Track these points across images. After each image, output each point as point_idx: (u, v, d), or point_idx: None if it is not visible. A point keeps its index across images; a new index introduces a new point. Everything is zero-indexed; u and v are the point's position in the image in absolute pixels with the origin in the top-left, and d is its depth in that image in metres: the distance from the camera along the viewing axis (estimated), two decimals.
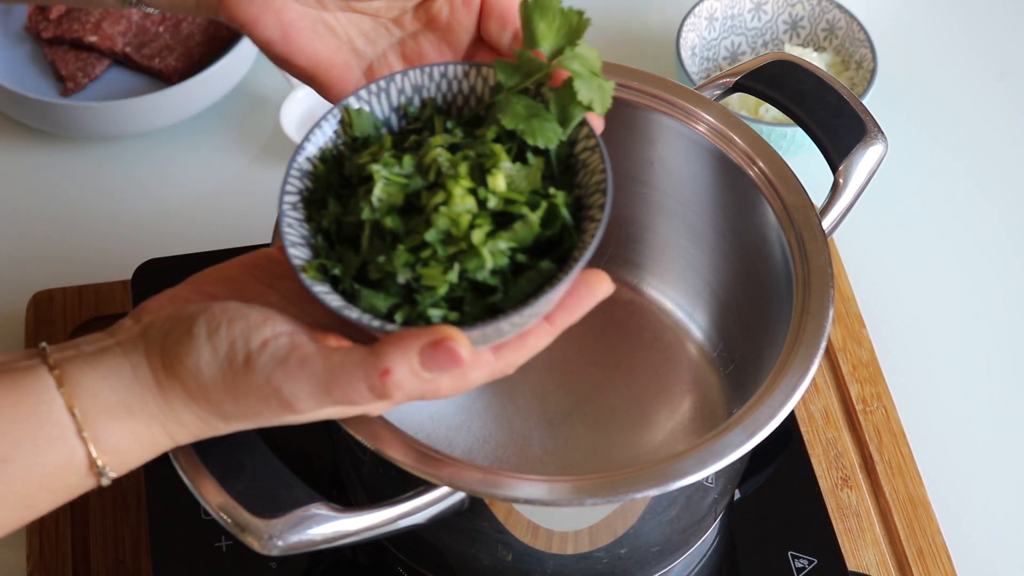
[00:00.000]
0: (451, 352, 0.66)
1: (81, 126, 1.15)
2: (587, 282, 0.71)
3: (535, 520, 0.84)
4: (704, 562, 0.96)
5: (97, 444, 0.67)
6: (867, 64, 1.17)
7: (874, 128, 0.91)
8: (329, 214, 0.72)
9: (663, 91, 0.92)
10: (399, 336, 0.67)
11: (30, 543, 0.96)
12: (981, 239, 1.15)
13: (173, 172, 1.17)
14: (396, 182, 0.70)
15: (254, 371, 0.67)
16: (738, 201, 0.92)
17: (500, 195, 0.70)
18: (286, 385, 0.67)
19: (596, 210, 0.70)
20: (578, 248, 0.70)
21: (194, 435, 0.70)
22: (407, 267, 0.69)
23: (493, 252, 0.69)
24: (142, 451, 0.69)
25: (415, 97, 0.75)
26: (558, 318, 0.71)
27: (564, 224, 0.71)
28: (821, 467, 1.01)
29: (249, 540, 0.74)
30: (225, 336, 0.67)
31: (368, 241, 0.70)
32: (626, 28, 1.27)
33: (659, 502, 0.84)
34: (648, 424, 0.97)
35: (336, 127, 0.74)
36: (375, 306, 0.69)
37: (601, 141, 0.72)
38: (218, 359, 0.67)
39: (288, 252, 0.70)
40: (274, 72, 1.22)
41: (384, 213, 0.70)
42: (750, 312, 0.95)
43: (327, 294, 0.69)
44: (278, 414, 0.68)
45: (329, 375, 0.66)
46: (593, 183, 0.72)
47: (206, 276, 0.74)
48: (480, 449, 0.95)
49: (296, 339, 0.68)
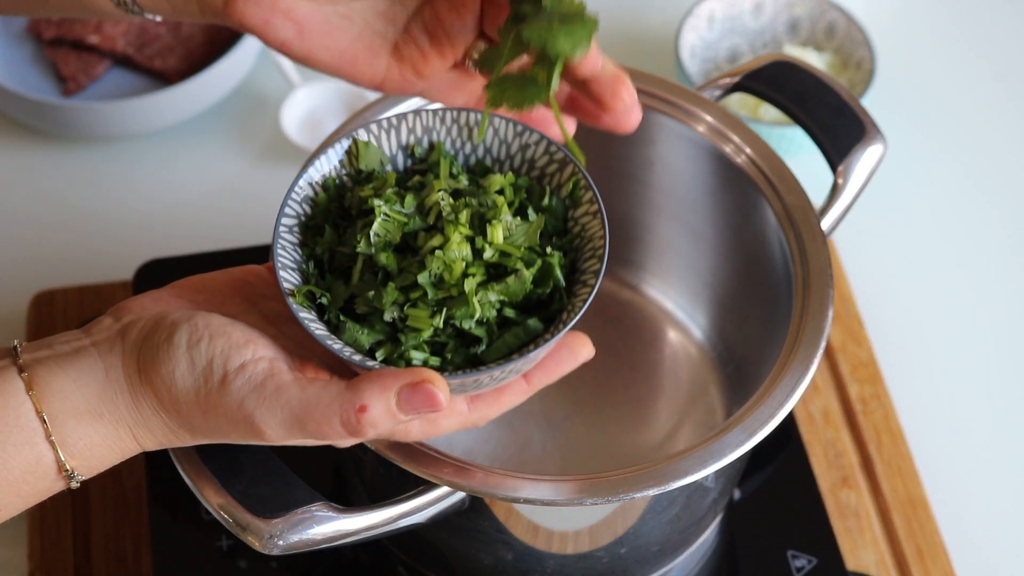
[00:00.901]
0: (430, 395, 0.66)
1: (82, 126, 1.15)
2: (569, 345, 0.71)
3: (535, 520, 0.84)
4: (704, 562, 0.96)
5: (65, 448, 0.67)
6: (866, 65, 1.17)
7: (873, 128, 0.91)
8: (324, 242, 0.71)
9: (663, 91, 0.92)
10: (379, 374, 0.66)
11: (31, 542, 0.97)
12: (980, 239, 1.16)
13: (174, 172, 1.17)
14: (396, 219, 0.70)
15: (228, 392, 0.66)
16: (738, 201, 0.92)
17: (497, 247, 0.69)
18: (258, 411, 0.66)
19: (590, 275, 0.70)
20: (567, 311, 0.69)
21: (160, 443, 0.69)
22: (395, 305, 0.69)
23: (483, 303, 0.69)
24: (110, 455, 0.69)
25: (424, 138, 0.75)
26: (536, 378, 0.71)
27: (556, 285, 0.71)
28: (820, 467, 1.01)
29: (250, 540, 0.74)
30: (205, 351, 0.67)
31: (359, 275, 0.70)
32: (626, 28, 1.27)
33: (659, 502, 0.84)
34: (648, 424, 0.98)
35: (342, 156, 0.74)
36: (358, 340, 0.69)
37: (603, 208, 0.72)
38: (194, 373, 0.67)
39: (279, 275, 0.69)
40: (274, 73, 1.22)
41: (380, 249, 0.70)
42: (750, 312, 0.95)
43: (312, 322, 0.68)
44: (245, 437, 0.68)
45: (303, 406, 0.66)
46: (590, 248, 0.71)
47: (191, 283, 0.73)
48: (480, 449, 0.95)
49: (275, 366, 0.67)
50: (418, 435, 0.71)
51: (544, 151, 0.74)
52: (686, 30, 1.18)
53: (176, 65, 1.19)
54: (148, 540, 0.96)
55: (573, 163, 0.73)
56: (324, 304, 0.70)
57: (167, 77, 1.19)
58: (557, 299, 0.71)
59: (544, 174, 0.74)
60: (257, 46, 1.19)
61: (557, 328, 0.69)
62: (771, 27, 1.23)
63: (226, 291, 0.73)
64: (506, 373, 0.69)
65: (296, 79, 1.18)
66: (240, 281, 0.74)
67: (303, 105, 1.18)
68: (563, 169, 0.73)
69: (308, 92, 1.18)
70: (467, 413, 0.71)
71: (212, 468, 0.75)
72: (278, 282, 0.69)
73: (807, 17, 1.22)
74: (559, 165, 0.74)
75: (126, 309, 0.71)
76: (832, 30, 1.20)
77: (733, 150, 0.91)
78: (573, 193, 0.73)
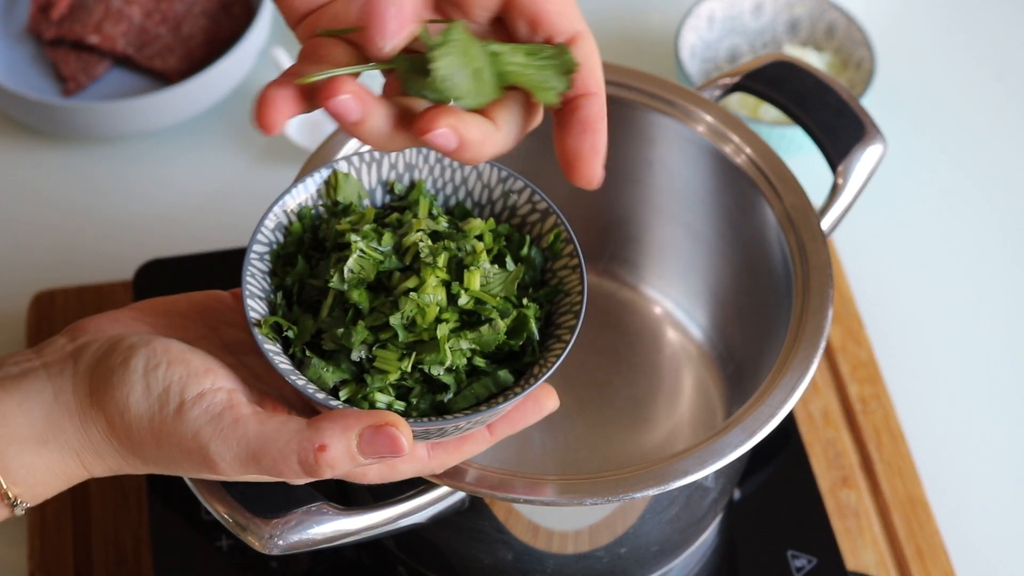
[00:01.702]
0: (393, 440, 0.64)
1: (82, 126, 1.15)
2: (536, 397, 0.70)
3: (535, 520, 0.84)
4: (704, 561, 0.96)
5: (7, 475, 0.65)
6: (866, 65, 1.17)
7: (873, 128, 0.91)
8: (295, 272, 0.70)
9: (663, 91, 0.92)
10: (341, 414, 0.65)
11: (31, 543, 0.97)
12: (980, 239, 1.16)
13: (174, 172, 1.17)
14: (372, 257, 0.69)
15: (184, 421, 0.64)
16: (738, 201, 0.92)
17: (473, 294, 0.68)
18: (213, 443, 0.64)
19: (565, 331, 0.69)
20: (539, 365, 0.68)
21: (111, 469, 0.67)
22: (364, 345, 0.67)
23: (454, 350, 0.67)
24: (56, 482, 0.67)
25: (406, 175, 0.73)
26: (499, 428, 0.70)
27: (530, 337, 0.69)
28: (820, 467, 1.01)
29: (250, 539, 0.74)
30: (163, 377, 0.65)
31: (329, 310, 0.68)
32: (626, 28, 1.27)
33: (659, 502, 0.84)
34: (648, 424, 0.98)
35: (320, 186, 0.72)
36: (322, 378, 0.67)
37: (583, 263, 0.71)
38: (149, 399, 0.65)
39: (246, 303, 0.68)
40: (274, 73, 1.22)
41: (353, 285, 0.68)
42: (750, 312, 0.95)
43: (276, 355, 0.67)
44: (197, 469, 0.65)
45: (261, 441, 0.64)
46: (567, 303, 0.70)
47: (152, 305, 0.71)
48: None
49: (234, 397, 0.65)
50: (375, 478, 0.69)
51: (527, 199, 0.73)
52: (686, 30, 1.18)
53: (176, 65, 1.19)
54: (148, 540, 0.96)
55: (556, 214, 0.72)
56: (290, 337, 0.68)
57: (167, 77, 1.19)
58: (529, 352, 0.69)
59: (525, 223, 0.73)
60: (257, 46, 1.19)
61: (528, 382, 0.67)
62: (771, 27, 1.23)
63: (188, 315, 0.71)
64: (471, 424, 0.67)
65: None
66: (202, 306, 0.72)
67: None
68: (545, 219, 0.72)
69: None
70: (426, 460, 0.70)
71: None
72: (244, 311, 0.67)
73: (807, 17, 1.22)
74: (541, 215, 0.72)
75: (81, 329, 0.69)
76: (832, 30, 1.20)
77: (733, 150, 0.91)
78: (554, 245, 0.72)
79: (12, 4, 1.23)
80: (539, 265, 0.72)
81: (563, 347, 0.68)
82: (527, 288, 0.71)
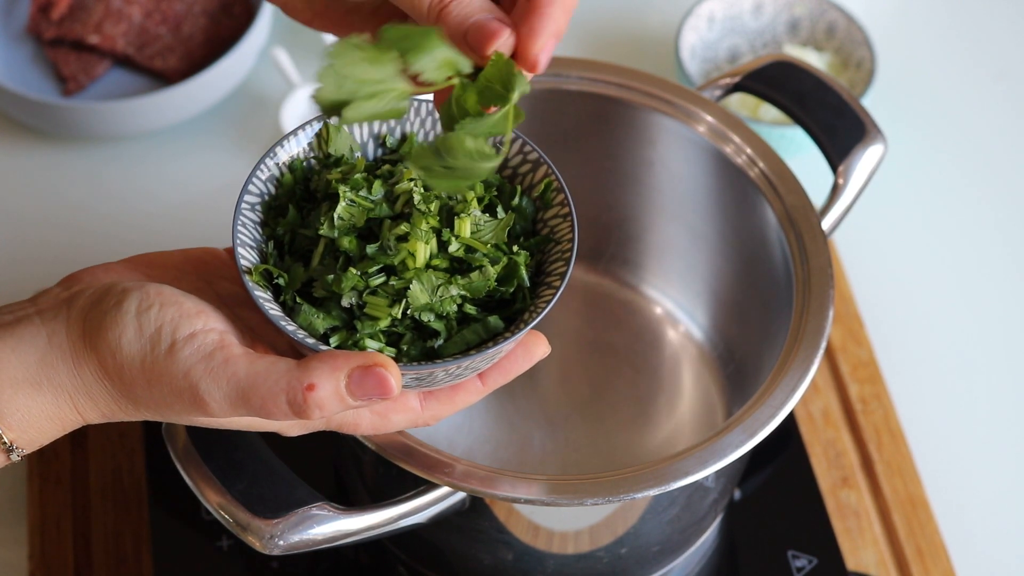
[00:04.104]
0: (381, 380, 0.64)
1: (82, 126, 1.15)
2: (526, 344, 0.70)
3: (535, 520, 0.84)
4: (704, 562, 0.96)
5: (2, 420, 0.65)
6: (866, 65, 1.17)
7: (873, 128, 0.91)
8: (286, 222, 0.70)
9: (663, 91, 0.92)
10: (330, 354, 0.65)
11: (31, 543, 0.97)
12: (980, 239, 1.16)
13: (174, 172, 1.17)
14: (361, 204, 0.69)
15: (175, 360, 0.64)
16: (738, 201, 0.92)
17: (463, 241, 0.68)
18: (203, 382, 0.64)
19: (556, 278, 0.69)
20: (530, 311, 0.68)
21: (103, 414, 0.67)
22: (354, 291, 0.67)
23: (444, 297, 0.67)
24: (51, 427, 0.67)
25: (397, 128, 0.73)
26: (491, 378, 0.70)
27: (520, 284, 0.69)
28: (821, 467, 1.01)
29: (250, 540, 0.74)
30: (155, 317, 0.65)
31: (320, 258, 0.69)
32: (626, 28, 1.27)
33: (659, 502, 0.84)
34: (648, 424, 0.98)
35: (312, 139, 0.72)
36: (312, 324, 0.67)
37: (574, 211, 0.71)
38: (141, 339, 0.65)
39: (236, 251, 0.68)
40: (274, 73, 1.22)
41: (343, 233, 0.68)
42: (750, 312, 0.95)
43: (267, 302, 0.67)
44: (189, 410, 0.66)
45: (250, 380, 0.64)
46: (557, 251, 0.70)
47: (147, 259, 0.72)
48: (481, 449, 0.95)
49: (226, 339, 0.66)
50: (368, 428, 0.69)
51: (518, 150, 0.73)
52: (686, 30, 1.18)
53: (176, 65, 1.19)
54: (148, 540, 0.96)
55: (547, 164, 0.72)
56: (281, 285, 0.69)
57: (167, 77, 1.19)
58: (520, 299, 0.70)
59: (516, 174, 0.73)
60: (257, 46, 1.19)
61: (518, 327, 0.68)
62: (771, 27, 1.23)
63: (182, 268, 0.72)
64: (462, 369, 0.67)
65: (296, 79, 1.18)
66: (197, 260, 0.73)
67: (303, 105, 1.18)
68: (536, 169, 0.72)
69: (308, 92, 1.18)
70: (419, 410, 0.70)
71: (212, 468, 0.75)
72: (235, 259, 0.68)
73: (807, 17, 1.22)
74: (532, 165, 0.72)
75: (76, 279, 0.70)
76: (832, 30, 1.20)
77: (733, 150, 0.91)
78: (544, 195, 0.72)
79: (12, 4, 1.23)
80: (530, 215, 0.72)
81: (553, 293, 0.68)
82: (518, 238, 0.72)
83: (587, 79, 0.93)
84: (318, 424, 0.70)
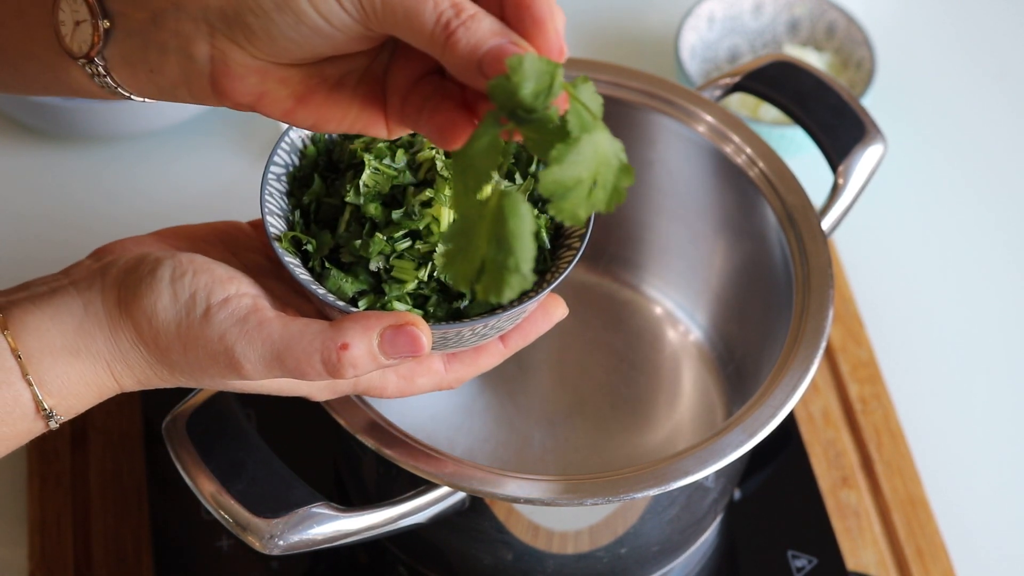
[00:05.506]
0: (413, 338, 0.66)
1: (82, 126, 1.15)
2: (544, 306, 0.72)
3: (535, 520, 0.84)
4: (704, 562, 0.96)
5: (42, 386, 0.66)
6: (866, 65, 1.17)
7: (873, 128, 0.91)
8: (311, 192, 0.72)
9: (663, 91, 0.92)
10: (363, 315, 0.66)
11: (31, 542, 0.97)
12: (980, 239, 1.16)
13: (174, 173, 1.17)
14: (385, 172, 0.71)
15: (210, 324, 0.66)
16: (738, 201, 0.93)
17: None
18: (239, 344, 0.66)
19: (575, 239, 0.71)
20: (551, 272, 0.70)
21: (139, 381, 0.69)
22: (381, 255, 0.69)
23: None
24: (88, 393, 0.68)
25: None
26: (512, 340, 0.72)
27: (541, 246, 0.71)
28: (820, 467, 1.01)
29: (250, 540, 0.74)
30: (189, 284, 0.67)
31: (346, 225, 0.71)
32: (626, 28, 1.27)
33: (659, 502, 0.84)
34: (648, 424, 0.98)
35: None
36: (342, 288, 0.69)
37: None
38: (176, 305, 0.66)
39: (265, 220, 0.70)
40: None
41: (368, 199, 0.71)
42: (750, 312, 0.95)
43: (297, 267, 0.69)
44: (224, 373, 0.67)
45: (285, 342, 0.66)
46: None
47: (175, 231, 0.73)
48: (481, 449, 0.95)
49: (259, 302, 0.67)
50: (394, 391, 0.71)
51: None
52: (686, 30, 1.18)
53: None
54: (148, 540, 0.96)
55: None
56: (309, 252, 0.71)
57: None
58: (540, 260, 0.71)
59: None
60: None
61: (540, 287, 0.69)
62: (771, 27, 1.23)
63: (209, 240, 0.73)
64: (488, 328, 0.69)
65: None
66: (222, 232, 0.74)
67: None
68: None
69: None
70: (443, 373, 0.72)
71: (212, 468, 0.75)
72: (264, 227, 0.70)
73: (807, 17, 1.22)
74: None
75: (107, 251, 0.71)
76: (832, 30, 1.20)
77: (733, 150, 0.91)
78: None
79: None
80: None
81: (573, 254, 0.70)
82: (537, 203, 0.73)
83: None
84: (347, 386, 0.71)
